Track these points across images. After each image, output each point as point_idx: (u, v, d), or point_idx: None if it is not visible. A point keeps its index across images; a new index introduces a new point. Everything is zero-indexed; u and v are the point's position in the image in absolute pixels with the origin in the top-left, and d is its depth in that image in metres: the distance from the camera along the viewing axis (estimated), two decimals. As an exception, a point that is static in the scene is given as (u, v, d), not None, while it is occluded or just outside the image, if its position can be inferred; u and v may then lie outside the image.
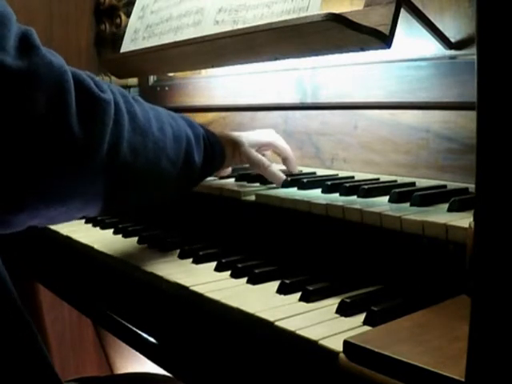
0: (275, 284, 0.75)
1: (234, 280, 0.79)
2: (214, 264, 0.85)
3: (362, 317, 0.63)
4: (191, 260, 0.89)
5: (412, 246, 0.72)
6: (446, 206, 0.75)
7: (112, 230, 1.13)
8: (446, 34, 0.90)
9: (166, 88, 1.55)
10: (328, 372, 0.56)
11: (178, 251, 0.93)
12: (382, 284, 0.73)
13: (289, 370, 0.62)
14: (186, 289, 0.77)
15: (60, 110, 0.63)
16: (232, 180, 1.06)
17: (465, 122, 0.89)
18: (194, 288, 0.76)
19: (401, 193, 0.81)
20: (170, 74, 1.55)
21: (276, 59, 1.00)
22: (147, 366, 1.39)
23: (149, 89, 1.62)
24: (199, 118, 1.40)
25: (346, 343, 0.54)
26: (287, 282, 0.73)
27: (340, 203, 0.80)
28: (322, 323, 0.62)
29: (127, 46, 1.27)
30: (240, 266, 0.81)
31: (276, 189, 0.96)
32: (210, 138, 0.91)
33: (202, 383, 0.73)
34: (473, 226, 0.41)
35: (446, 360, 0.48)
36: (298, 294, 0.71)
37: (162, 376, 1.06)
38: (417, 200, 0.78)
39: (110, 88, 0.72)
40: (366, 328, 0.60)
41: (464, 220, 0.68)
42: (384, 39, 0.78)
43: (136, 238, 1.04)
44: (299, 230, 0.88)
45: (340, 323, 0.63)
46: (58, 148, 0.63)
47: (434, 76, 0.92)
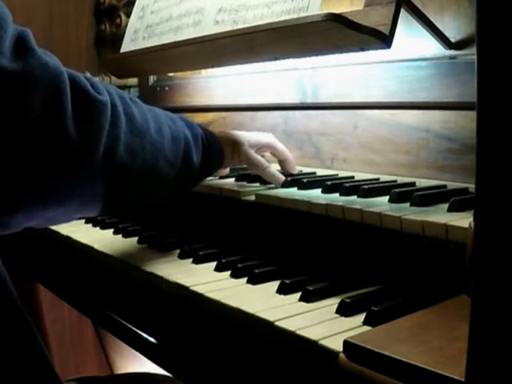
0: (275, 284, 0.75)
1: (233, 280, 0.79)
2: (214, 264, 0.85)
3: (361, 317, 0.63)
4: (191, 260, 0.89)
5: (412, 246, 0.72)
6: (446, 205, 0.75)
7: (112, 230, 1.13)
8: (446, 33, 0.90)
9: (166, 88, 1.55)
10: (328, 372, 0.56)
11: (178, 251, 0.93)
12: (382, 284, 0.73)
13: (289, 370, 0.62)
14: (186, 289, 0.77)
15: (56, 112, 0.62)
16: (232, 180, 1.06)
17: (465, 122, 0.89)
18: (194, 288, 0.76)
19: (401, 193, 0.81)
20: (170, 74, 1.55)
21: (276, 59, 1.00)
22: (147, 366, 1.39)
23: (149, 89, 1.62)
24: (199, 118, 1.40)
25: (345, 343, 0.54)
26: (287, 282, 0.73)
27: (340, 203, 0.80)
28: (322, 323, 0.62)
29: (127, 45, 1.27)
30: (240, 265, 0.81)
31: (276, 189, 0.96)
32: (208, 138, 0.91)
33: (202, 383, 0.73)
34: (473, 226, 0.41)
35: (446, 360, 0.48)
36: (298, 294, 0.71)
37: (162, 376, 1.06)
38: (417, 200, 0.78)
39: (107, 89, 0.72)
40: (366, 328, 0.60)
41: (464, 220, 0.68)
42: (384, 39, 0.78)
43: (136, 238, 1.04)
44: (299, 230, 0.88)
45: (340, 323, 0.63)
46: (54, 149, 0.63)
47: (434, 76, 0.92)
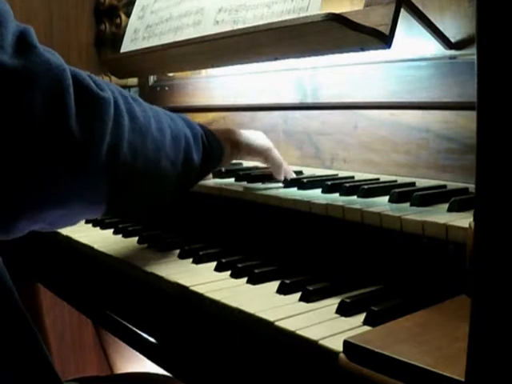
0: (275, 284, 0.75)
1: (234, 280, 0.79)
2: (214, 264, 0.85)
3: (361, 317, 0.63)
4: (191, 260, 0.89)
5: (412, 246, 0.72)
6: (446, 205, 0.75)
7: (112, 230, 1.13)
8: (446, 34, 0.90)
9: (166, 88, 1.55)
10: (328, 372, 0.56)
11: (178, 251, 0.93)
12: (382, 284, 0.73)
13: (289, 370, 0.62)
14: (186, 289, 0.77)
15: (58, 109, 0.62)
16: (232, 180, 1.06)
17: (465, 122, 0.89)
18: (194, 288, 0.76)
19: (401, 193, 0.81)
20: (170, 74, 1.55)
21: (276, 59, 1.00)
22: (147, 366, 1.39)
23: (149, 89, 1.62)
24: (199, 118, 1.40)
25: (346, 343, 0.54)
26: (287, 282, 0.73)
27: (340, 203, 0.80)
28: (322, 323, 0.62)
29: (127, 45, 1.27)
30: (240, 265, 0.81)
31: (276, 189, 0.96)
32: (208, 136, 0.91)
33: (202, 383, 0.73)
34: (473, 226, 0.41)
35: (446, 360, 0.48)
36: (298, 294, 0.71)
37: (162, 376, 1.06)
38: (417, 200, 0.78)
39: (110, 88, 0.71)
40: (366, 328, 0.60)
41: (464, 220, 0.68)
42: (384, 39, 0.78)
43: (136, 238, 1.04)
44: (299, 230, 0.88)
45: (340, 323, 0.63)
46: (57, 148, 0.62)
47: (434, 76, 0.92)
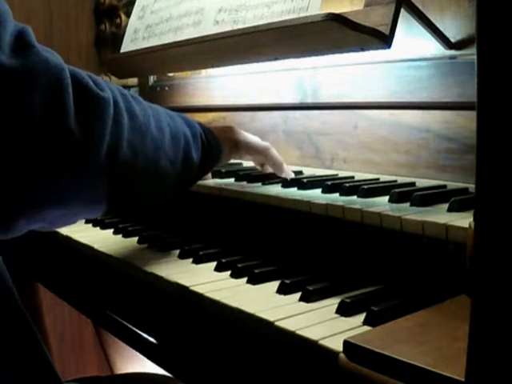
0: (275, 284, 0.75)
1: (234, 280, 0.79)
2: (214, 264, 0.85)
3: (361, 317, 0.63)
4: (191, 260, 0.89)
5: (412, 246, 0.72)
6: (446, 205, 0.74)
7: (112, 230, 1.13)
8: (446, 34, 0.90)
9: (166, 88, 1.55)
10: (328, 372, 0.56)
11: (178, 251, 0.93)
12: (382, 284, 0.73)
13: (289, 370, 0.62)
14: (186, 289, 0.77)
15: (57, 109, 0.61)
16: (232, 180, 1.06)
17: (465, 122, 0.89)
18: (194, 288, 0.76)
19: (401, 193, 0.81)
20: (170, 74, 1.55)
21: (276, 59, 1.00)
22: (147, 366, 1.39)
23: (149, 89, 1.62)
24: (199, 118, 1.40)
25: (345, 343, 0.54)
26: (287, 282, 0.73)
27: (340, 203, 0.80)
28: (322, 323, 0.62)
29: (127, 45, 1.27)
30: (240, 265, 0.81)
31: (276, 189, 0.96)
32: (207, 135, 0.91)
33: (202, 383, 0.73)
34: (473, 226, 0.41)
35: (446, 360, 0.48)
36: (298, 294, 0.71)
37: (162, 376, 1.06)
38: (417, 200, 0.78)
39: (109, 86, 0.71)
40: (366, 328, 0.60)
41: (464, 220, 0.68)
42: (384, 39, 0.78)
43: (136, 238, 1.04)
44: (299, 230, 0.88)
45: (340, 323, 0.63)
46: (57, 148, 0.62)
47: (434, 76, 0.92)
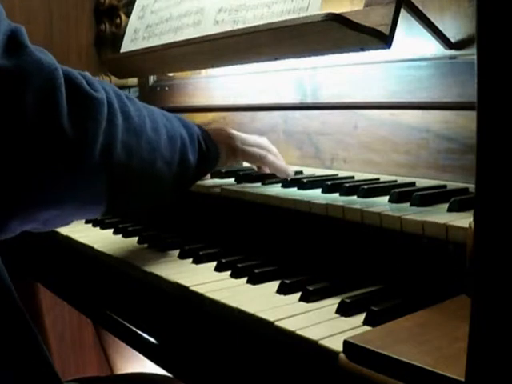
0: (275, 284, 0.75)
1: (234, 280, 0.79)
2: (214, 264, 0.85)
3: (361, 317, 0.63)
4: (191, 260, 0.89)
5: (412, 246, 0.72)
6: (446, 205, 0.74)
7: (112, 230, 1.13)
8: (446, 34, 0.90)
9: (166, 88, 1.55)
10: (328, 372, 0.56)
11: (178, 251, 0.93)
12: (382, 284, 0.73)
13: (289, 370, 0.62)
14: (185, 289, 0.77)
15: (50, 109, 0.61)
16: (232, 180, 1.06)
17: (465, 122, 0.89)
18: (194, 288, 0.76)
19: (401, 193, 0.81)
20: (170, 74, 1.55)
21: (276, 59, 1.00)
22: (147, 366, 1.39)
23: (149, 89, 1.62)
24: (199, 117, 1.40)
25: (345, 343, 0.54)
26: (287, 282, 0.73)
27: (340, 203, 0.80)
28: (322, 323, 0.62)
29: (127, 45, 1.27)
30: (240, 265, 0.81)
31: (276, 189, 0.96)
32: (205, 137, 0.90)
33: (202, 383, 0.73)
34: (473, 226, 0.41)
35: (446, 360, 0.48)
36: (298, 294, 0.71)
37: (162, 376, 1.06)
38: (417, 200, 0.78)
39: (104, 87, 0.71)
40: (366, 328, 0.60)
41: (464, 220, 0.68)
42: (384, 39, 0.78)
43: (136, 238, 1.04)
44: (299, 230, 0.88)
45: (340, 323, 0.63)
46: (50, 148, 0.62)
47: (434, 76, 0.92)
